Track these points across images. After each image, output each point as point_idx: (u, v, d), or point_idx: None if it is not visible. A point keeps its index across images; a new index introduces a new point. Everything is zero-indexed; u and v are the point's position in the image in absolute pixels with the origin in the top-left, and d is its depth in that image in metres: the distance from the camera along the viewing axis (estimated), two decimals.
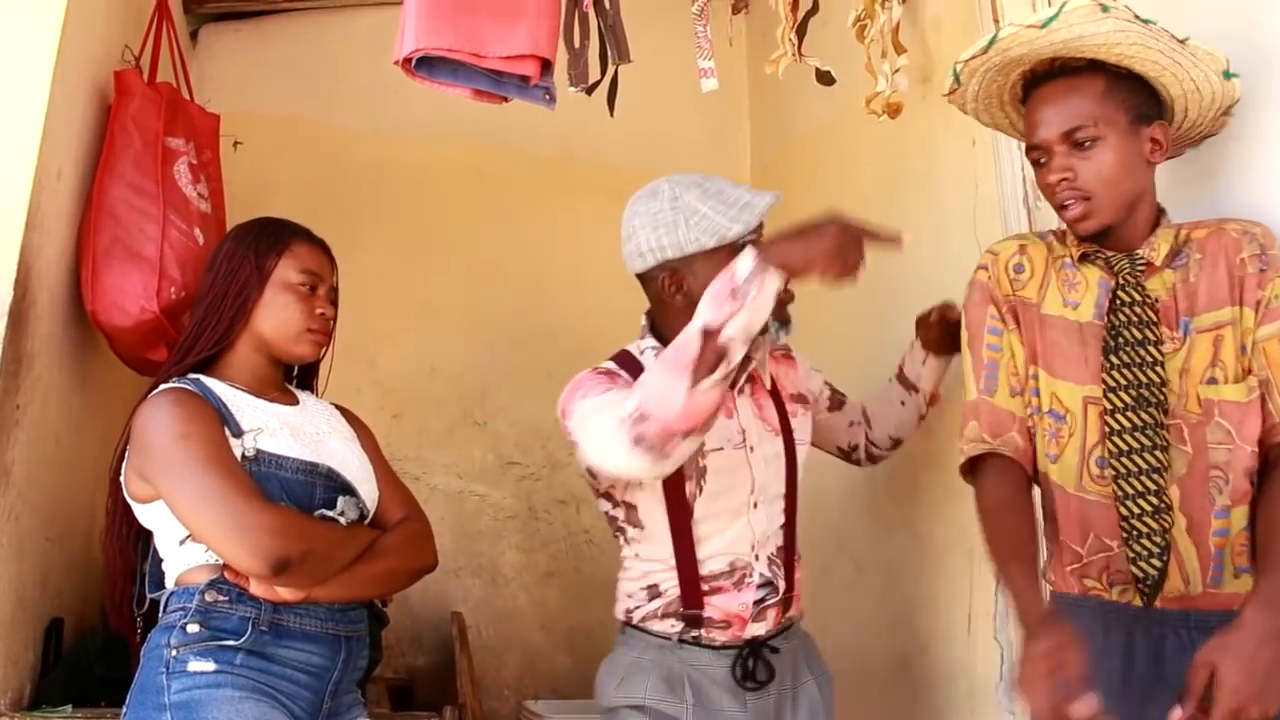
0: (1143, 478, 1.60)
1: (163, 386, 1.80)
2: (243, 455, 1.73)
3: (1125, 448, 1.62)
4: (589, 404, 1.83)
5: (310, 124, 3.65)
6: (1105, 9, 1.59)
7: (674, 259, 1.89)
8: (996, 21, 2.49)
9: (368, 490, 1.90)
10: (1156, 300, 1.66)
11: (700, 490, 1.92)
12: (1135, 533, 1.60)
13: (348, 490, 1.85)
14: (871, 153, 3.04)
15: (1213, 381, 1.62)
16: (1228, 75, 1.65)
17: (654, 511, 1.95)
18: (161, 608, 1.75)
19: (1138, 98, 1.66)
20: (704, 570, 1.94)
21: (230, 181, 2.77)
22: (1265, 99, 1.79)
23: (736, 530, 1.95)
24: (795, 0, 2.48)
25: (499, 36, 2.05)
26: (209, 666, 1.64)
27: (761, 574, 1.95)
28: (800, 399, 2.12)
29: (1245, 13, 1.84)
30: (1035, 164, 1.73)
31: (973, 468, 1.78)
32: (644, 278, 1.99)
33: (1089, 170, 1.65)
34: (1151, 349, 1.63)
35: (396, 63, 2.10)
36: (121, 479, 1.78)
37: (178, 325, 2.29)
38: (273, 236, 1.93)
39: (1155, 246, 1.68)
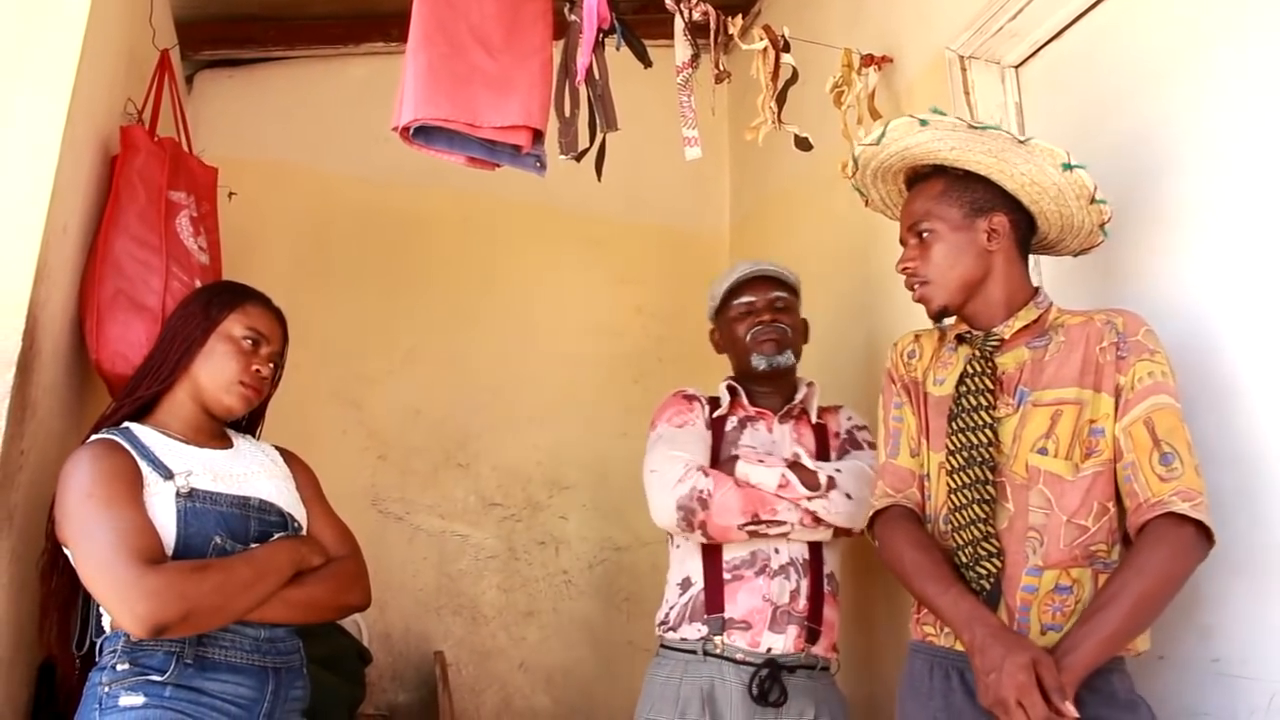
0: (972, 527, 1.76)
1: (91, 438, 1.91)
2: (177, 493, 1.83)
3: (960, 502, 1.79)
4: (666, 432, 2.43)
5: (300, 170, 3.73)
6: (923, 122, 1.85)
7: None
8: (967, 93, 2.63)
9: (302, 521, 2.02)
10: (1002, 372, 1.84)
11: None
12: (976, 574, 1.74)
13: (285, 520, 1.96)
14: (846, 211, 3.15)
15: (1043, 452, 1.75)
16: (1068, 167, 1.82)
17: None
18: (98, 652, 1.83)
19: (975, 194, 1.88)
20: (726, 556, 2.28)
21: (220, 227, 2.84)
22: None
23: None
24: (776, 69, 2.58)
25: (493, 107, 2.15)
26: (138, 701, 1.73)
27: (782, 564, 2.26)
28: (848, 440, 2.47)
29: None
30: None
31: (875, 522, 1.97)
32: None
33: (925, 260, 1.90)
34: (983, 414, 1.81)
35: (395, 129, 2.19)
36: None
37: None
38: (229, 295, 2.07)
39: (1011, 325, 1.87)
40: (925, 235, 1.89)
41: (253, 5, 3.64)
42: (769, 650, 2.22)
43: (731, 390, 2.49)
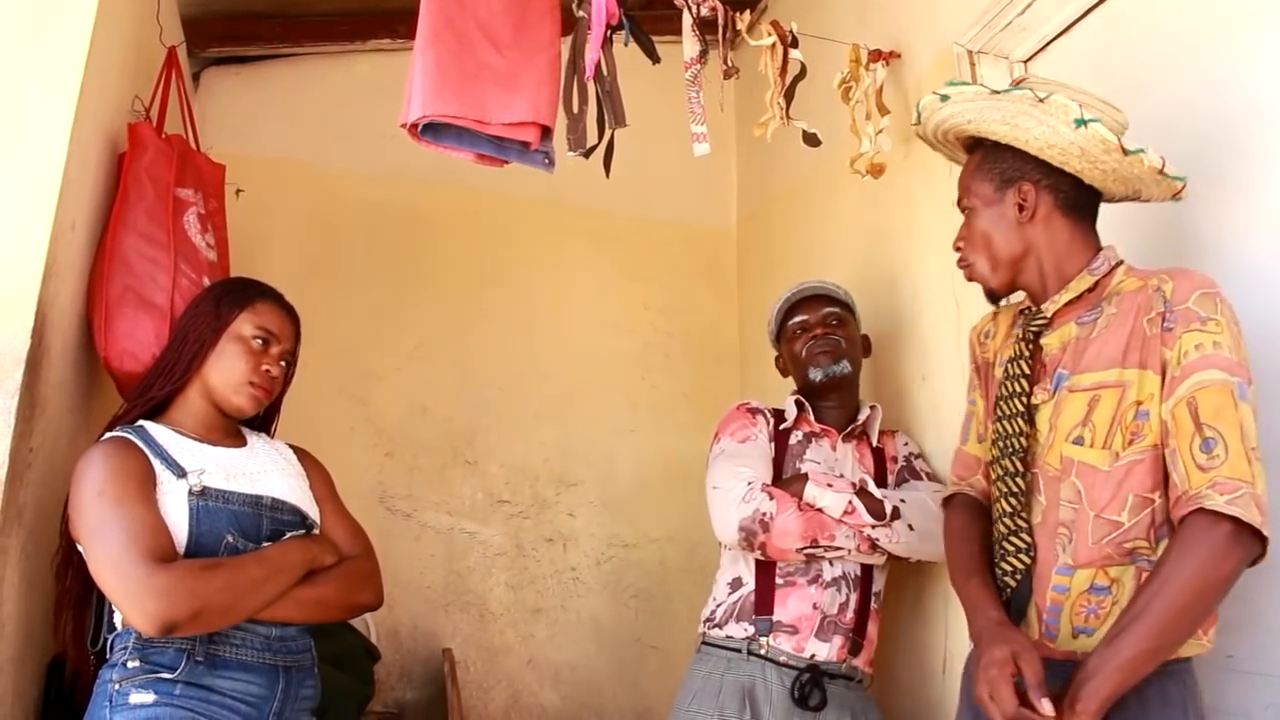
0: (1005, 520, 1.70)
1: (105, 436, 1.92)
2: (190, 491, 1.84)
3: (997, 493, 1.74)
4: (729, 447, 2.42)
5: (307, 167, 3.72)
6: (945, 97, 1.80)
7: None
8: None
9: (316, 520, 2.03)
10: (1046, 354, 1.74)
11: None
12: (1002, 570, 1.70)
13: (300, 519, 1.97)
14: (854, 207, 3.15)
15: (1079, 442, 1.63)
16: (1080, 123, 1.67)
17: None
18: (109, 649, 1.84)
19: (1004, 164, 1.78)
20: (780, 563, 2.32)
21: (228, 224, 2.83)
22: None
23: None
24: (784, 65, 2.57)
25: (502, 104, 2.15)
26: (148, 698, 1.75)
27: (834, 577, 2.31)
28: (906, 468, 2.51)
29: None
30: None
31: (944, 509, 1.96)
32: None
33: (969, 239, 1.83)
34: (1018, 400, 1.73)
35: (403, 126, 2.19)
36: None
37: None
38: (240, 293, 2.08)
39: (1056, 300, 1.75)
40: (968, 212, 1.83)
41: (259, 2, 3.64)
42: (812, 656, 2.28)
43: (799, 404, 2.54)
